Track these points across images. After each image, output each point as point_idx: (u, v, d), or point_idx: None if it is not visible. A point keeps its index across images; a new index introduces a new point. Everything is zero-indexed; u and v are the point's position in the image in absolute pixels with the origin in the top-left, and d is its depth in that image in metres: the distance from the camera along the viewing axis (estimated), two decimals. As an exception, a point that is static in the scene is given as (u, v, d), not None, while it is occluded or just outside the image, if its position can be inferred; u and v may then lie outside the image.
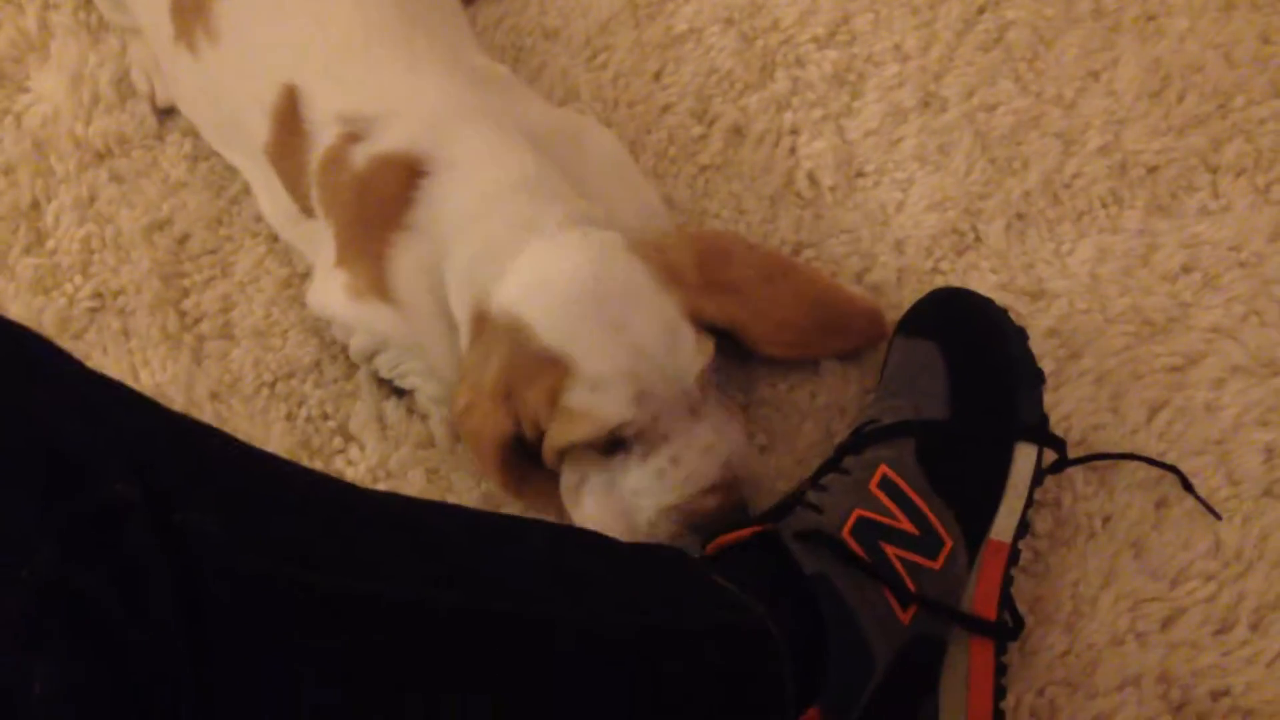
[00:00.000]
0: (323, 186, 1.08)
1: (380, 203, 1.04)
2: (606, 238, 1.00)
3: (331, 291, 1.08)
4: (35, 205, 1.25)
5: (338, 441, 1.12)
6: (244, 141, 1.16)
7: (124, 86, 1.32)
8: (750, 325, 1.04)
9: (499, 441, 0.99)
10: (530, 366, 0.96)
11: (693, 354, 0.98)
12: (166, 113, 1.30)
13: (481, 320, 0.99)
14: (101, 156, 1.28)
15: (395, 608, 0.67)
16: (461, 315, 1.02)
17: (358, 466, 1.10)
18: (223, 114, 1.18)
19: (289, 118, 1.08)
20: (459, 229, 1.01)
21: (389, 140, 1.04)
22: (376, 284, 1.05)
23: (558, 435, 0.97)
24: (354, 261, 1.07)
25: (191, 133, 1.28)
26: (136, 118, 1.30)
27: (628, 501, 0.99)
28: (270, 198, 1.18)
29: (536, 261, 0.98)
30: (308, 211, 1.12)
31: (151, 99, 1.30)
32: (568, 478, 1.02)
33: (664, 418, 0.97)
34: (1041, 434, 0.99)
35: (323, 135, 1.07)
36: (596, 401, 0.95)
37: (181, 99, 1.25)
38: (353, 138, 1.05)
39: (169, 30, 1.17)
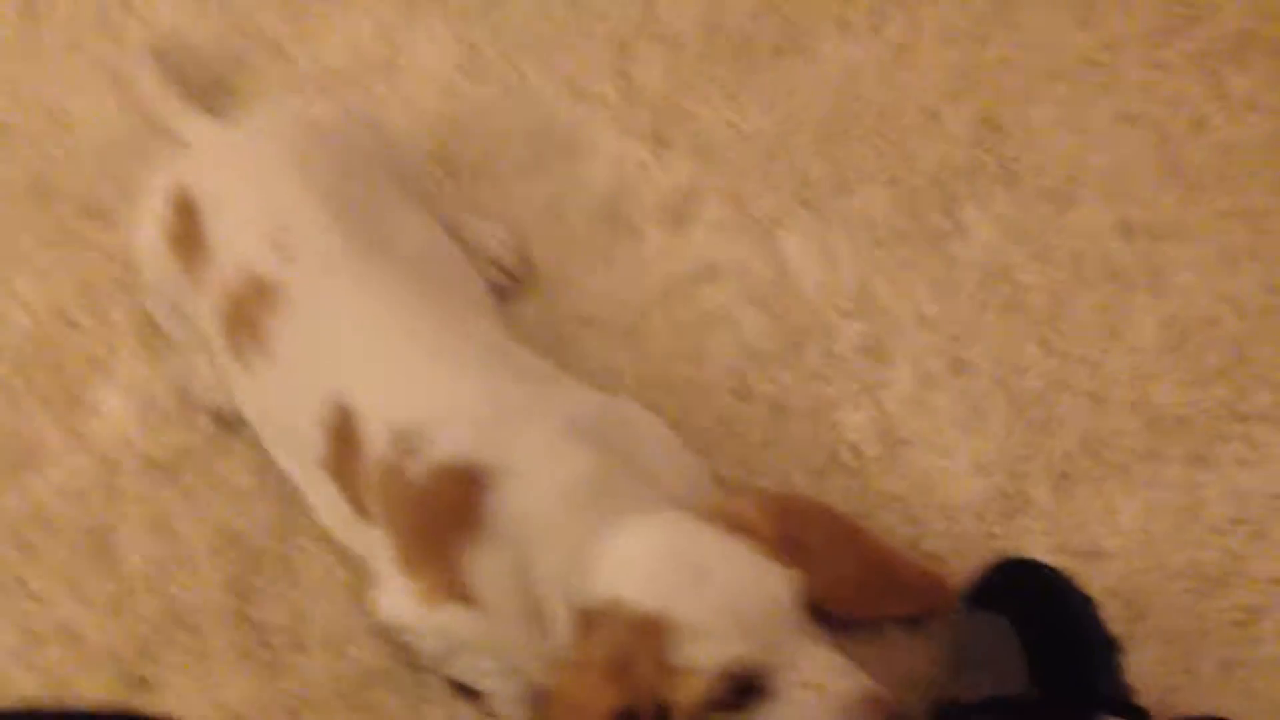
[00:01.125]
0: (383, 498, 1.12)
1: (447, 512, 1.08)
2: (674, 513, 1.04)
3: (404, 600, 1.11)
4: (107, 527, 1.28)
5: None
6: (300, 452, 1.20)
7: (185, 402, 1.37)
8: (816, 579, 1.04)
9: (608, 713, 0.98)
10: (635, 639, 0.97)
11: (782, 581, 0.99)
12: (230, 423, 1.34)
13: (585, 617, 1.02)
14: (169, 472, 1.31)
15: None
16: (562, 615, 1.04)
17: (439, 772, 1.10)
18: (278, 425, 1.23)
19: (343, 431, 1.14)
20: (541, 533, 1.05)
21: (444, 450, 1.08)
22: (453, 589, 1.08)
23: (683, 698, 0.97)
24: (424, 569, 1.10)
25: (255, 443, 1.32)
26: (202, 432, 1.34)
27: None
28: (326, 504, 1.22)
29: (619, 547, 1.02)
30: (366, 517, 1.15)
31: (215, 410, 1.34)
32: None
33: (780, 646, 0.97)
34: (1124, 706, 1.00)
35: (377, 447, 1.11)
36: (704, 649, 0.96)
37: (242, 406, 1.30)
38: (408, 450, 1.09)
39: (221, 343, 1.24)
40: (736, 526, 1.03)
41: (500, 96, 1.63)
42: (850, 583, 1.10)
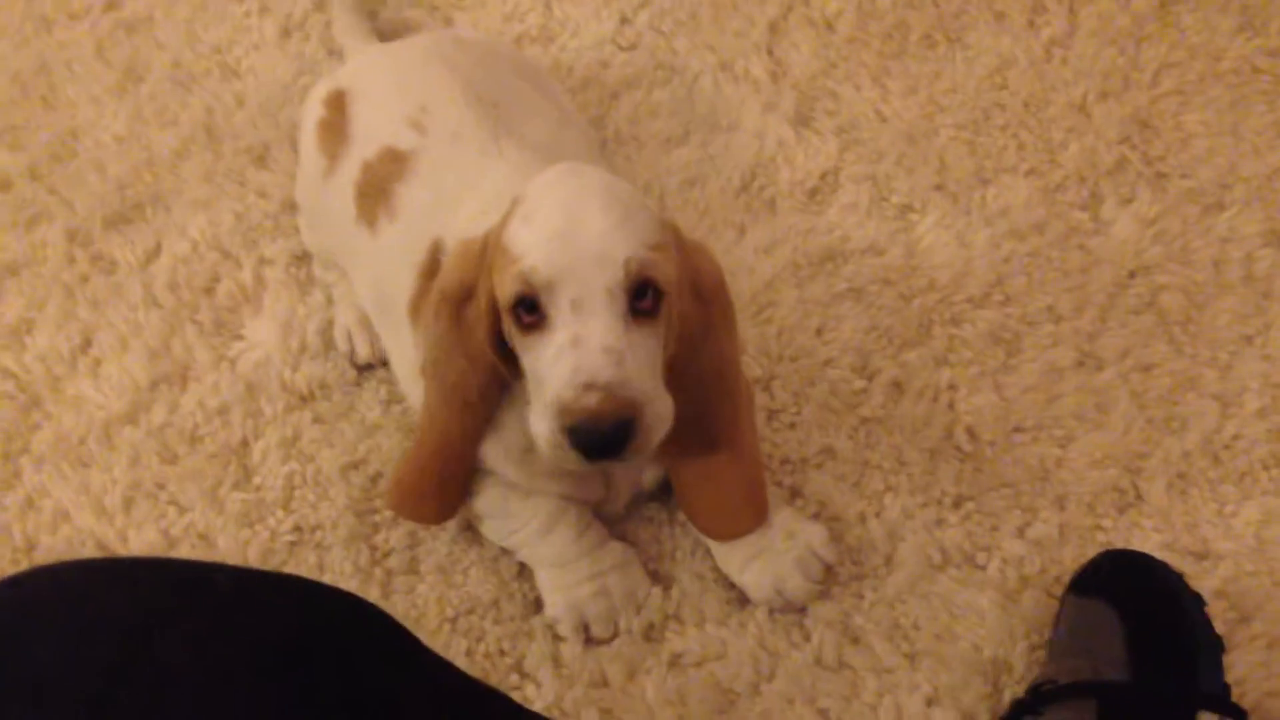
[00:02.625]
0: None
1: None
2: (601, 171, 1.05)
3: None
4: (245, 444, 1.35)
5: (514, 678, 1.16)
6: (395, 310, 1.24)
7: (327, 336, 1.44)
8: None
9: (458, 283, 1.02)
10: (501, 220, 1.01)
11: (636, 243, 0.96)
12: (363, 369, 1.41)
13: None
14: (305, 400, 1.39)
15: None
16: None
17: (533, 704, 1.14)
18: (384, 288, 1.28)
19: (429, 271, 1.18)
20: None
21: None
22: None
23: (498, 289, 0.99)
24: None
25: (386, 381, 1.39)
26: (339, 367, 1.41)
27: (535, 405, 0.99)
28: (400, 355, 1.27)
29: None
30: None
31: (350, 355, 1.41)
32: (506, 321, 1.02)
33: (577, 284, 0.96)
34: (1224, 703, 0.99)
35: None
36: (523, 239, 0.97)
37: (359, 284, 1.36)
38: None
39: (352, 213, 1.29)
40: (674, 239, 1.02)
41: (651, 69, 1.66)
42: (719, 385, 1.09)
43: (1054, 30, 1.66)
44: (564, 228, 0.96)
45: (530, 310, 0.98)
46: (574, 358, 0.95)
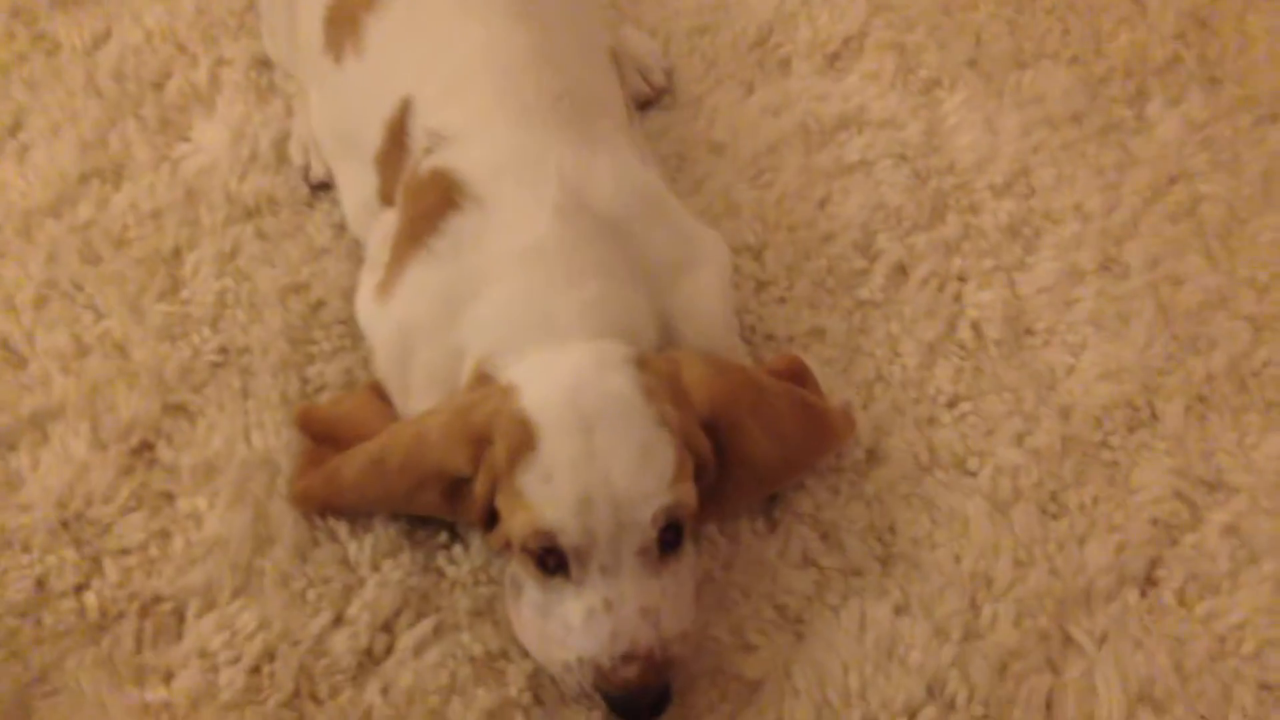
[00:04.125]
0: (401, 192, 1.09)
1: (421, 217, 1.04)
2: (613, 348, 0.96)
3: (363, 292, 1.11)
4: (177, 253, 1.22)
5: (443, 537, 1.05)
6: (357, 151, 1.16)
7: (282, 149, 1.30)
8: (736, 456, 0.98)
9: (443, 468, 0.95)
10: (509, 426, 0.92)
11: (659, 488, 0.91)
12: (316, 188, 1.28)
13: (481, 378, 0.97)
14: (250, 214, 1.25)
15: None
16: (469, 356, 1.00)
17: (460, 566, 1.03)
18: (346, 124, 1.19)
19: (398, 128, 1.10)
20: (474, 278, 1.00)
21: (448, 157, 1.05)
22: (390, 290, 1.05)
23: (506, 520, 0.93)
24: (390, 266, 1.07)
25: (337, 206, 1.25)
26: (290, 183, 1.28)
27: (555, 633, 0.93)
28: (359, 197, 1.18)
29: (545, 356, 0.96)
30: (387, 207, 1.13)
31: (305, 171, 1.28)
32: (514, 578, 0.96)
33: (607, 548, 0.90)
34: None
35: (417, 146, 1.08)
36: (542, 495, 0.90)
37: (317, 111, 1.26)
38: (429, 148, 1.07)
39: (319, 41, 1.20)
40: (668, 391, 0.94)
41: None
42: (772, 459, 1.00)
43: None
44: (587, 494, 0.90)
45: (550, 553, 0.91)
46: (610, 624, 0.90)
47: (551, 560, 0.92)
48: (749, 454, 0.98)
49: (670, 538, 0.92)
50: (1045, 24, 1.44)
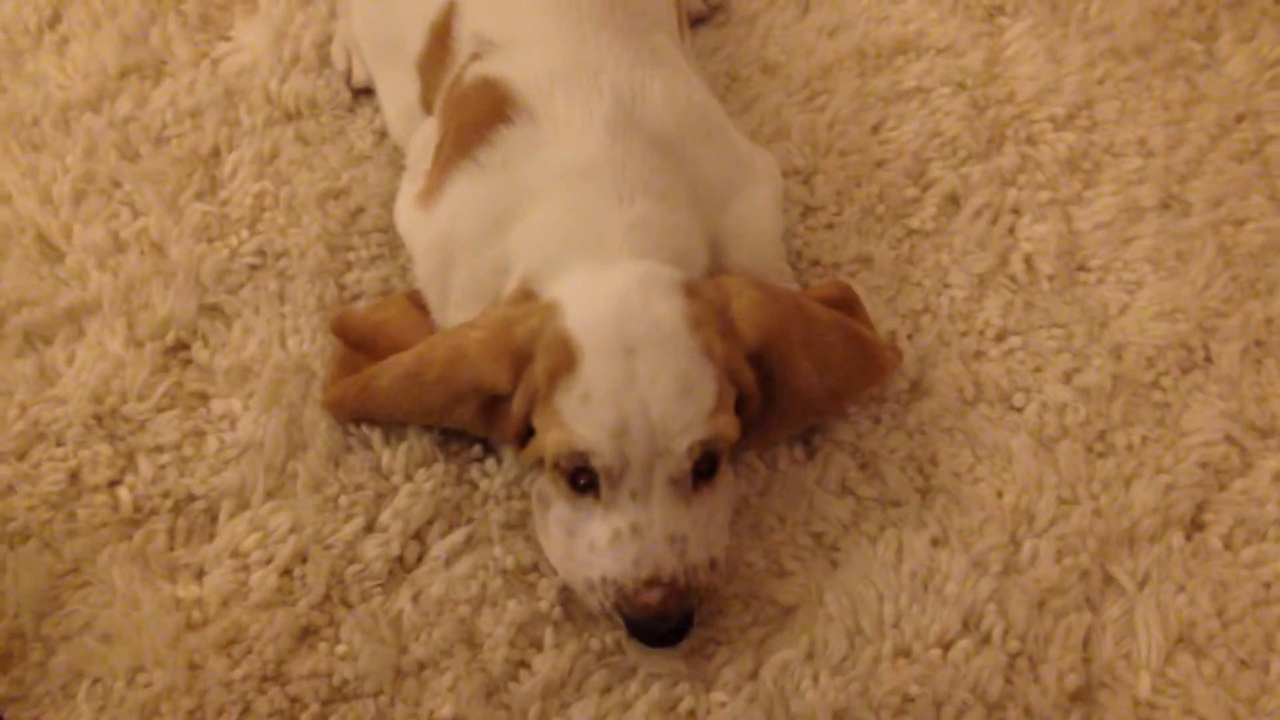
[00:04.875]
0: (444, 98, 1.07)
1: (468, 125, 1.02)
2: (661, 272, 0.93)
3: (404, 200, 1.09)
4: (216, 153, 1.20)
5: (476, 449, 1.03)
6: (399, 55, 1.14)
7: (324, 51, 1.28)
8: (781, 387, 0.96)
9: (480, 383, 0.94)
10: (551, 344, 0.90)
11: (697, 420, 0.89)
12: (359, 93, 1.25)
13: (524, 294, 0.95)
14: (290, 116, 1.23)
15: None
16: (513, 272, 0.97)
17: (493, 479, 1.02)
18: (388, 27, 1.16)
19: (442, 32, 1.08)
20: (523, 193, 0.98)
21: (497, 66, 1.02)
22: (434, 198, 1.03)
23: (540, 436, 0.92)
24: (432, 174, 1.05)
25: (379, 111, 1.23)
26: (332, 86, 1.26)
27: (580, 552, 0.92)
28: (394, 99, 1.17)
29: (588, 271, 0.94)
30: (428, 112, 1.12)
31: (347, 75, 1.25)
32: (543, 493, 0.96)
33: (639, 474, 0.89)
34: None
35: (462, 51, 1.06)
36: (579, 415, 0.89)
37: (359, 13, 1.23)
38: (476, 54, 1.04)
39: None
40: (716, 321, 0.92)
41: None
42: (818, 391, 0.98)
43: None
44: (623, 419, 0.88)
45: (581, 472, 0.89)
46: (636, 548, 0.89)
47: (583, 479, 0.91)
48: (795, 386, 0.96)
49: (705, 467, 0.91)
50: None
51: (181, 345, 1.08)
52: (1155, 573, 0.98)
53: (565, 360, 0.89)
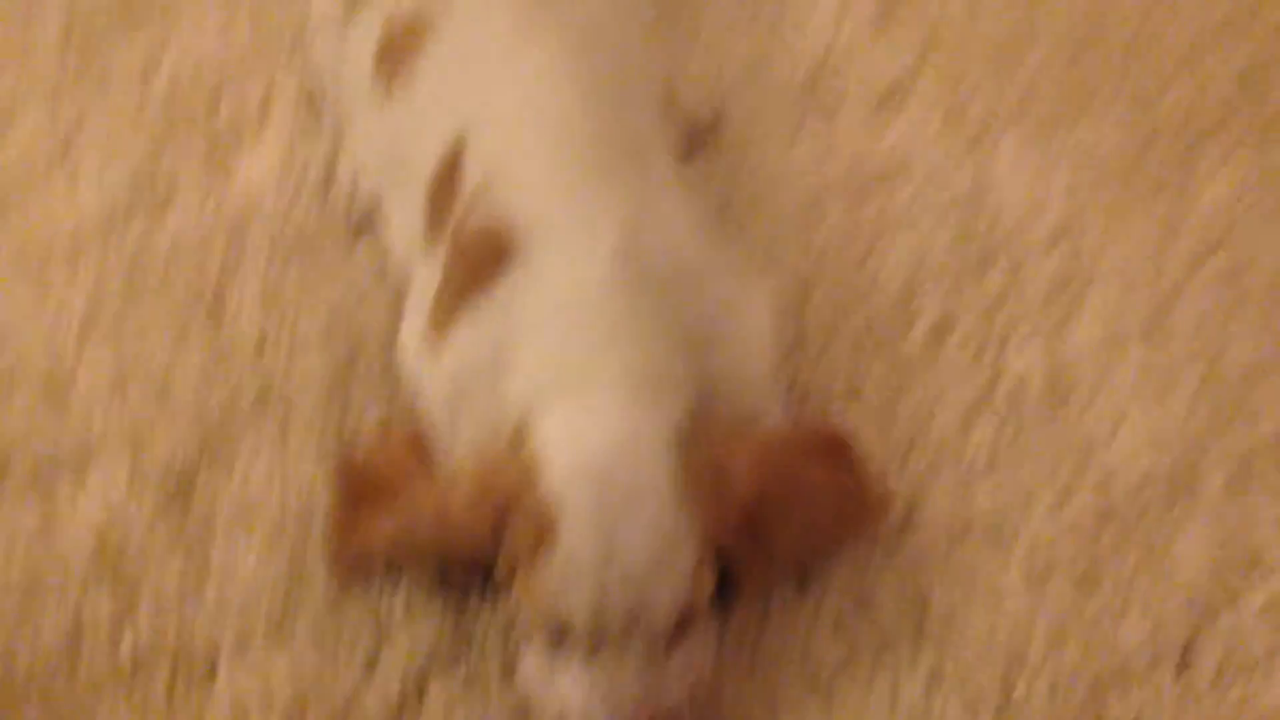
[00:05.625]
0: (451, 234, 1.09)
1: (471, 269, 1.04)
2: (651, 423, 0.93)
3: (407, 339, 1.11)
4: (219, 291, 1.23)
5: (475, 594, 1.05)
6: (405, 177, 1.16)
7: (328, 187, 1.32)
8: (774, 542, 0.97)
9: (464, 544, 0.95)
10: (530, 510, 0.91)
11: (676, 590, 0.89)
12: (360, 229, 1.28)
13: (520, 435, 0.95)
14: (293, 252, 1.27)
15: None
16: (511, 412, 0.98)
17: (491, 622, 1.03)
18: (395, 150, 1.19)
19: (448, 168, 1.10)
20: (527, 332, 0.99)
21: (500, 209, 1.04)
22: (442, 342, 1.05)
23: (521, 595, 0.92)
24: (436, 314, 1.07)
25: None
26: (334, 222, 1.29)
27: (551, 700, 0.93)
28: (401, 222, 1.19)
29: (576, 418, 0.94)
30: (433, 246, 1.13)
31: (349, 212, 1.29)
32: (522, 629, 0.97)
33: (615, 635, 0.90)
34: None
35: (470, 184, 1.08)
36: (557, 586, 0.89)
37: (363, 138, 1.27)
38: (482, 192, 1.06)
39: (369, 70, 1.21)
40: (710, 478, 0.93)
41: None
42: (804, 551, 1.02)
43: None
44: (602, 591, 0.88)
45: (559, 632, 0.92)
46: (609, 706, 0.90)
47: (559, 635, 0.92)
48: (782, 547, 0.98)
49: (683, 625, 0.92)
50: (1099, 75, 1.43)
51: (183, 488, 1.09)
52: (1147, 712, 0.99)
53: (544, 531, 0.90)
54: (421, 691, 1.00)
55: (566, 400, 0.96)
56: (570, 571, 0.89)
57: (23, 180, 1.31)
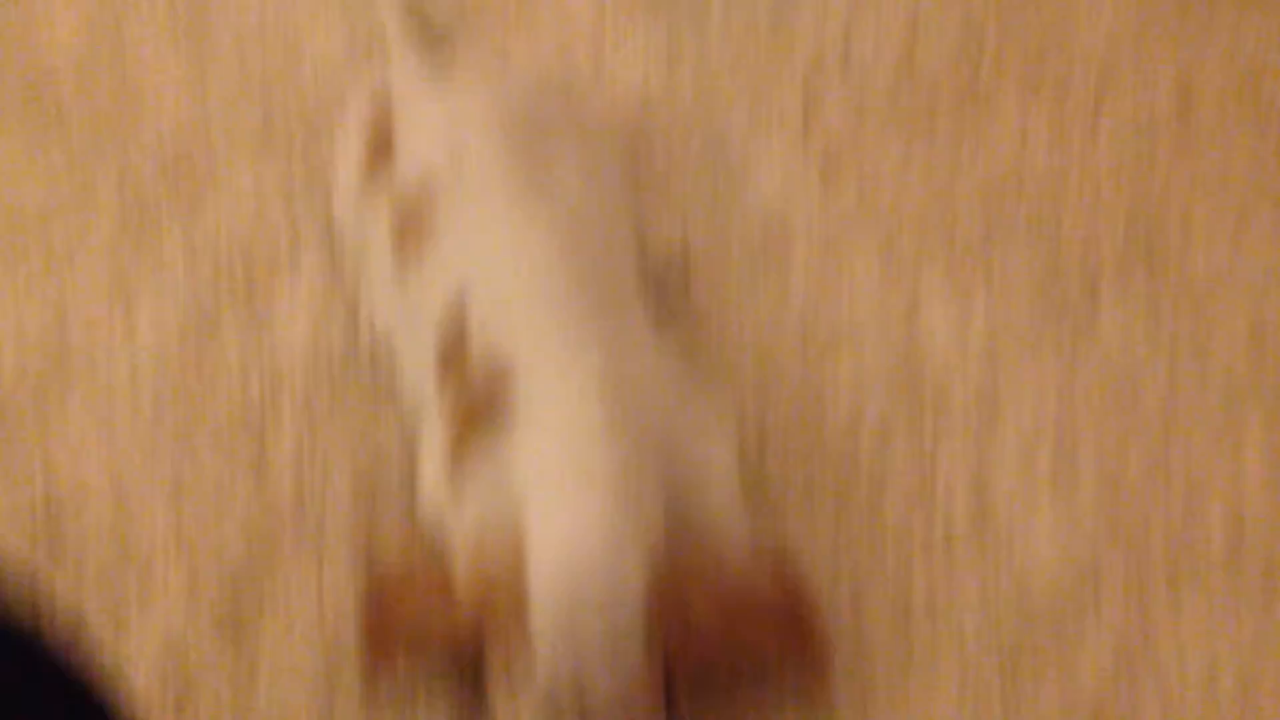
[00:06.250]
0: (454, 384, 1.25)
1: (473, 421, 1.20)
2: (629, 557, 1.07)
3: (424, 482, 1.27)
4: (258, 455, 1.40)
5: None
6: (417, 352, 1.32)
7: (355, 350, 1.47)
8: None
9: (448, 631, 1.12)
10: (508, 634, 1.06)
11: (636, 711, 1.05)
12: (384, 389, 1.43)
13: (516, 542, 1.10)
14: (323, 416, 1.43)
15: None
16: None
17: None
18: (407, 328, 1.35)
19: (453, 331, 1.26)
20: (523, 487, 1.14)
21: (497, 356, 1.21)
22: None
23: (492, 703, 1.08)
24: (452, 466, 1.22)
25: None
26: (360, 381, 1.45)
27: None
28: (413, 373, 1.34)
29: (565, 517, 1.10)
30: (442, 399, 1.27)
31: (372, 371, 1.45)
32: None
33: None
34: None
35: (471, 352, 1.23)
36: (526, 704, 1.05)
37: (382, 313, 1.42)
38: (481, 357, 1.22)
39: (388, 247, 1.36)
40: (672, 622, 1.07)
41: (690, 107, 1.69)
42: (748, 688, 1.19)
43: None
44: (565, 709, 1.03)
45: None
46: None
47: None
48: (729, 687, 1.15)
49: None
50: (1014, 210, 1.61)
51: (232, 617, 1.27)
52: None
53: (518, 649, 1.05)
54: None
55: (554, 510, 1.11)
56: (540, 694, 1.05)
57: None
